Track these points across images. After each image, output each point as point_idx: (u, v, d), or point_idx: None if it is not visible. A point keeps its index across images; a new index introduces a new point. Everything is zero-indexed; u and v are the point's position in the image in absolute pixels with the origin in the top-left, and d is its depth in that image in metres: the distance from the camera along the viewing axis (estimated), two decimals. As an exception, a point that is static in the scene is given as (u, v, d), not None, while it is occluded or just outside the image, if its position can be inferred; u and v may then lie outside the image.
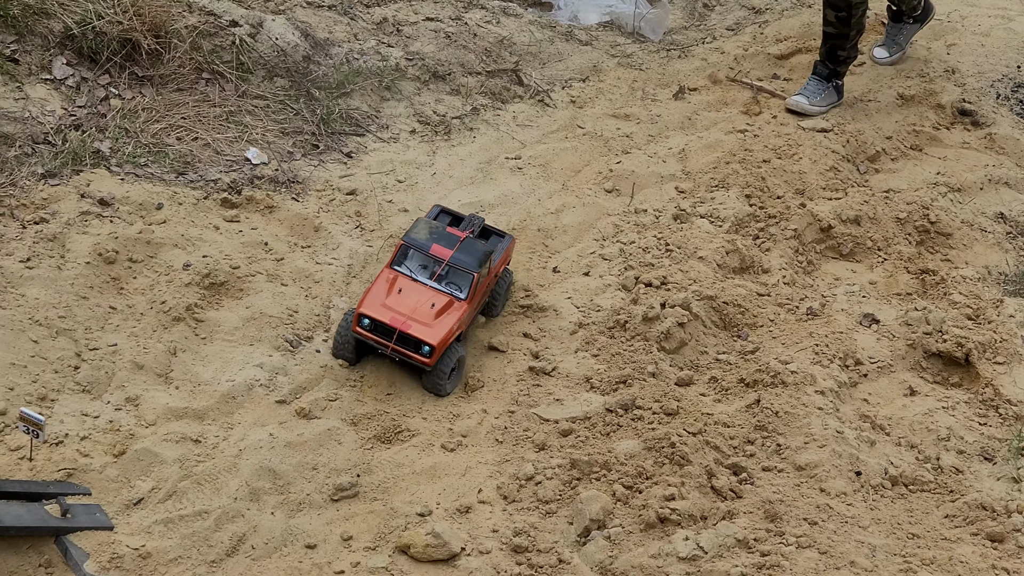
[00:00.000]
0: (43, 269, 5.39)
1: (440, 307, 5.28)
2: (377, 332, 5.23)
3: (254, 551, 4.66)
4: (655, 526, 4.72)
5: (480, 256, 5.39)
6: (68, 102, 6.20)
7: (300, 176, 6.29)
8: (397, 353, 5.24)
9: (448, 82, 7.06)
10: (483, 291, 5.50)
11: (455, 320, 5.27)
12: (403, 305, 5.26)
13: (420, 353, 5.20)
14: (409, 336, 5.19)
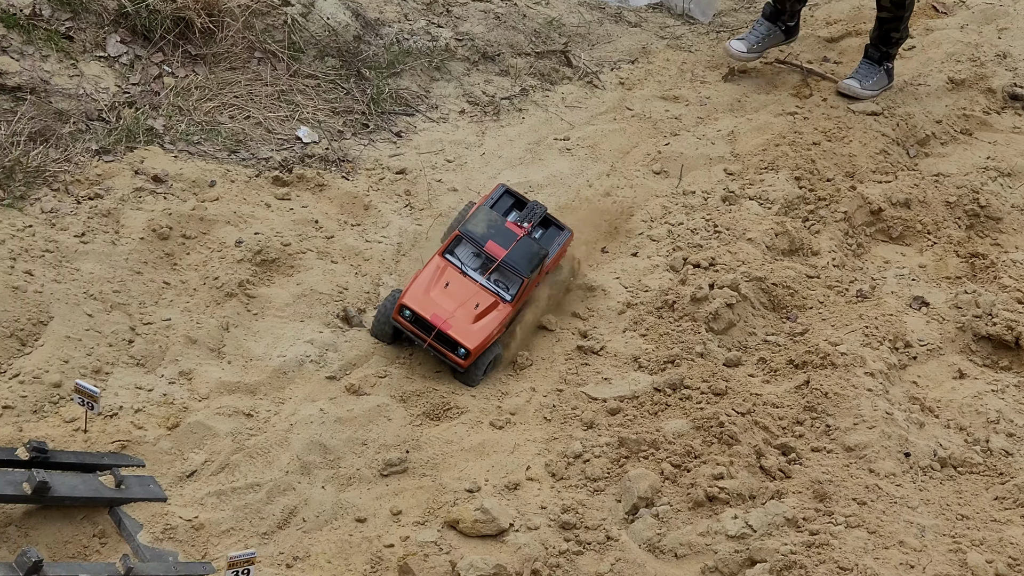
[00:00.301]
0: (98, 244, 5.45)
1: (484, 308, 5.26)
2: (417, 325, 5.22)
3: (305, 524, 4.71)
4: (703, 504, 4.74)
5: (533, 260, 5.35)
6: (122, 80, 6.26)
7: (350, 155, 6.33)
8: (434, 349, 5.21)
9: (497, 63, 7.08)
10: (531, 291, 5.45)
11: (497, 324, 5.25)
12: (447, 301, 5.23)
13: (456, 354, 5.19)
14: (448, 337, 5.17)
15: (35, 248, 5.29)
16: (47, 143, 5.74)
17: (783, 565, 4.38)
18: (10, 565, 4.01)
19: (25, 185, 5.53)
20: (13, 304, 5.04)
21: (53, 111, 5.90)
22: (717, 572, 4.52)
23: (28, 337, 5.01)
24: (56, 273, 5.25)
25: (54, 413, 4.80)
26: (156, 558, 4.39)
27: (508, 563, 4.51)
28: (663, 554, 4.64)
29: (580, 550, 4.63)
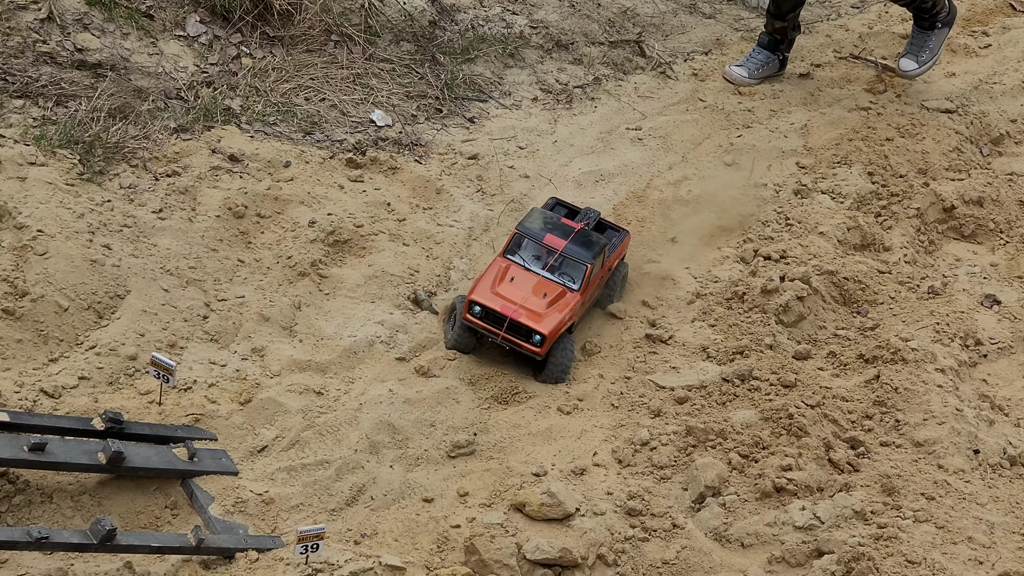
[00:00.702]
0: (175, 221, 5.51)
1: (552, 297, 5.24)
2: (488, 320, 5.18)
3: (373, 502, 4.75)
4: (771, 495, 4.75)
5: (594, 248, 5.34)
6: (200, 59, 6.32)
7: (423, 139, 6.36)
8: (508, 342, 5.19)
9: (571, 51, 7.09)
10: (596, 283, 5.43)
11: (567, 311, 5.23)
12: (514, 294, 5.22)
13: (531, 342, 5.16)
14: (520, 324, 5.15)
15: (113, 223, 5.37)
16: (126, 120, 5.81)
17: (851, 557, 4.38)
18: (85, 533, 4.08)
19: (104, 160, 5.61)
20: (91, 277, 5.11)
21: (132, 88, 5.98)
22: (784, 562, 4.53)
23: (105, 310, 5.08)
24: (134, 248, 5.32)
25: (129, 385, 4.87)
26: (227, 530, 4.45)
27: (573, 547, 4.54)
28: (729, 543, 4.65)
29: (646, 537, 4.64)
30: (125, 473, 4.48)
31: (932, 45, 6.93)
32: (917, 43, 6.95)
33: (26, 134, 5.57)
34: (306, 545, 4.22)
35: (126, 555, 4.21)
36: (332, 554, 4.28)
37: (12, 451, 4.21)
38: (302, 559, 4.24)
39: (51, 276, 5.02)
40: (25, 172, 5.36)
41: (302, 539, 4.21)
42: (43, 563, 4.17)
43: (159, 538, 4.26)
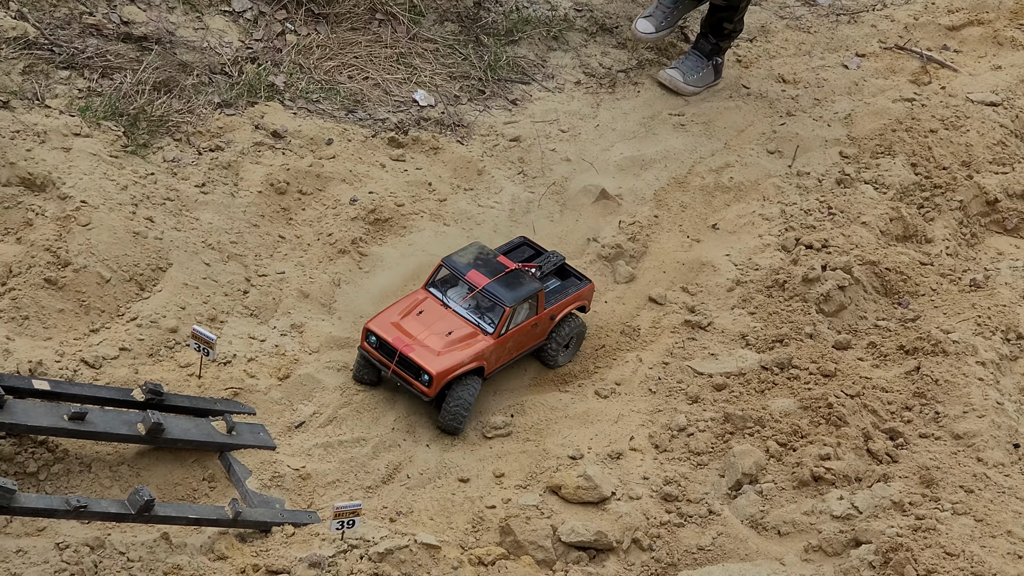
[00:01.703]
0: (217, 195, 5.53)
1: (458, 337, 4.88)
2: (382, 351, 4.86)
3: (409, 480, 4.76)
4: (808, 484, 4.73)
5: (521, 291, 4.95)
6: (245, 35, 6.33)
7: (465, 120, 6.36)
8: (398, 377, 4.85)
9: (615, 35, 7.06)
10: (525, 331, 5.03)
11: (471, 354, 4.85)
12: (415, 328, 4.87)
13: (420, 381, 4.81)
14: (409, 360, 4.80)
15: (157, 195, 5.38)
16: (171, 93, 5.82)
17: (889, 547, 4.36)
18: (123, 503, 4.09)
19: (148, 133, 5.62)
20: (134, 249, 5.13)
21: (177, 62, 5.99)
22: (821, 551, 4.51)
23: (147, 282, 5.10)
24: (176, 221, 5.34)
25: (170, 358, 4.89)
26: (263, 504, 4.46)
27: (609, 531, 4.54)
28: (765, 531, 4.64)
29: (681, 522, 4.64)
30: (164, 444, 4.50)
31: (702, 75, 6.69)
32: (689, 64, 6.70)
33: (71, 105, 5.59)
34: (342, 521, 4.23)
35: (163, 526, 4.23)
36: (368, 531, 4.29)
37: (52, 420, 4.23)
38: (338, 535, 4.25)
39: (94, 247, 5.04)
40: (70, 143, 5.39)
41: (338, 515, 4.22)
42: (81, 532, 4.19)
43: (196, 510, 4.27)
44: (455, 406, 4.85)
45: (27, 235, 5.05)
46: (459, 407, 4.86)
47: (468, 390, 4.86)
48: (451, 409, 4.86)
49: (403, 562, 4.22)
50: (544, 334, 5.14)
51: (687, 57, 6.69)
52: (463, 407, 4.86)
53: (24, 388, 4.30)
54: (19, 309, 4.81)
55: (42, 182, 5.22)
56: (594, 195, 6.05)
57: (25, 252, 4.97)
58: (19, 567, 3.95)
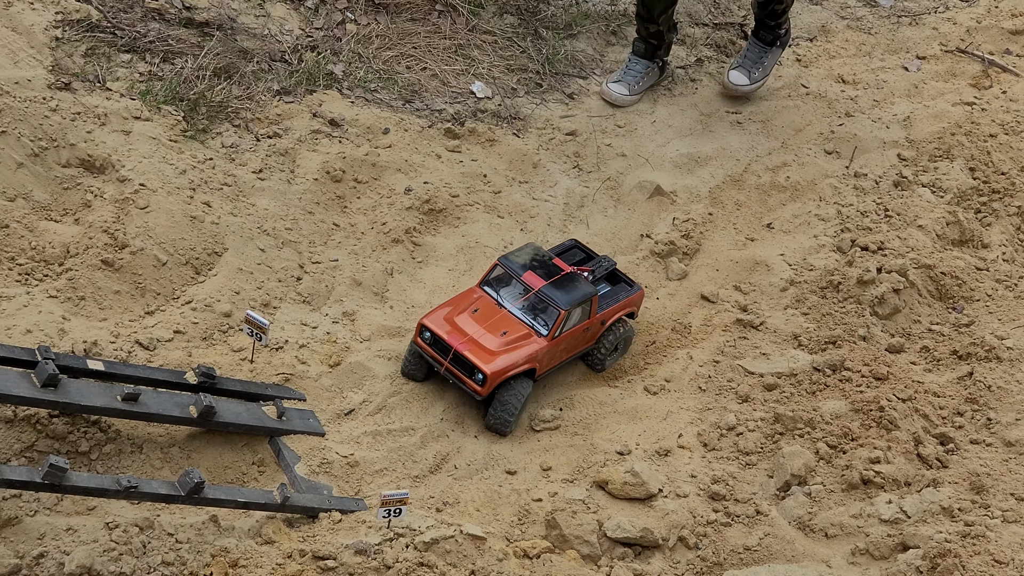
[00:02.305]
0: (274, 182, 5.56)
1: (513, 338, 4.85)
2: (435, 347, 4.83)
3: (456, 471, 4.77)
4: (857, 487, 4.71)
5: (576, 294, 4.92)
6: (306, 23, 6.36)
7: (522, 113, 6.36)
8: (451, 374, 4.83)
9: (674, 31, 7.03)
10: (577, 335, 5.01)
11: (524, 355, 4.82)
12: (471, 326, 4.84)
13: (473, 379, 4.78)
14: (464, 358, 4.77)
15: (214, 180, 5.42)
16: (231, 80, 5.86)
17: (936, 552, 4.33)
18: (173, 484, 4.13)
19: (208, 119, 5.66)
20: (190, 233, 5.17)
21: (238, 49, 6.02)
22: (867, 555, 4.49)
23: (202, 266, 5.14)
24: (233, 206, 5.37)
25: (223, 342, 4.92)
26: (311, 490, 4.49)
27: (655, 527, 4.53)
28: (813, 533, 4.62)
29: (728, 522, 4.62)
30: (215, 428, 4.53)
31: (767, 63, 6.58)
32: (752, 57, 6.60)
33: (132, 88, 5.64)
34: (389, 509, 4.25)
35: (212, 508, 4.26)
36: (414, 520, 4.30)
37: (105, 400, 4.27)
38: (384, 523, 4.26)
39: (151, 230, 5.08)
40: (130, 126, 5.43)
41: (385, 503, 4.23)
42: (130, 512, 4.23)
43: (245, 493, 4.30)
44: (504, 407, 4.85)
45: (85, 216, 5.10)
46: (509, 408, 4.85)
47: (519, 392, 4.85)
48: (500, 410, 4.85)
49: (448, 552, 4.23)
50: (594, 338, 5.13)
51: (746, 49, 6.62)
52: (512, 409, 4.86)
53: (79, 368, 4.34)
54: (76, 290, 4.86)
55: (101, 164, 5.27)
56: (649, 191, 6.03)
57: (83, 233, 5.02)
58: (69, 545, 3.99)
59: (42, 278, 4.88)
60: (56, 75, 5.51)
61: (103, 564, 3.96)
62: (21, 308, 4.68)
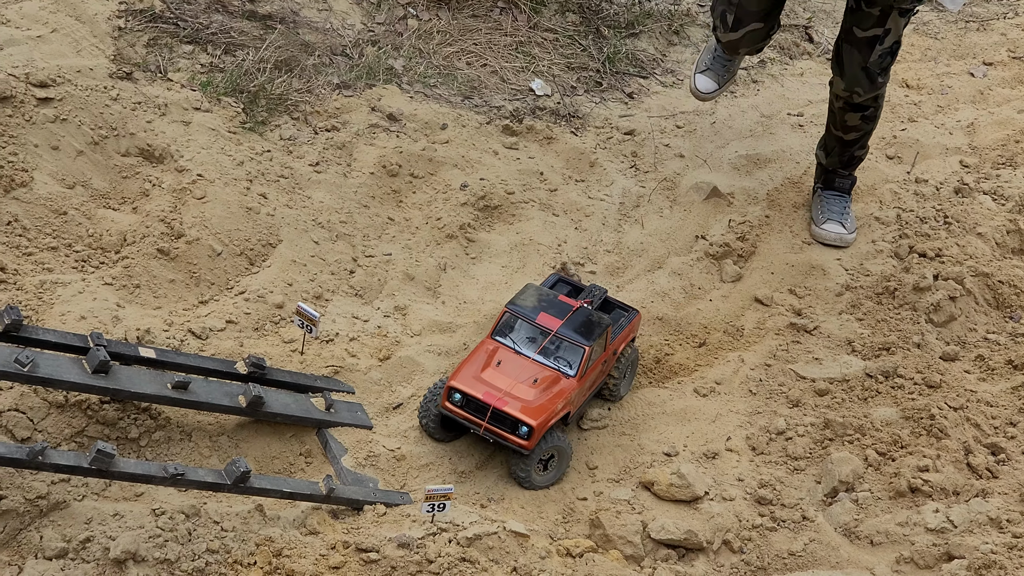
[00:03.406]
0: (330, 175, 5.59)
1: (544, 384, 4.64)
2: (469, 408, 4.59)
3: (502, 467, 4.77)
4: (905, 495, 4.67)
5: (595, 329, 4.76)
6: (368, 18, 6.39)
7: (581, 111, 6.35)
8: (491, 434, 4.59)
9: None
10: (598, 369, 4.85)
11: (560, 400, 4.63)
12: (501, 380, 4.61)
13: (517, 435, 4.55)
14: (505, 414, 4.54)
15: (271, 172, 5.46)
16: (291, 72, 5.90)
17: (982, 564, 4.29)
18: (220, 472, 4.16)
19: (267, 111, 5.70)
20: (246, 224, 5.21)
21: (300, 42, 6.06)
22: (912, 563, 4.45)
23: (256, 257, 5.18)
24: (289, 199, 5.40)
25: (274, 333, 4.95)
26: (357, 483, 4.51)
27: (700, 530, 4.51)
28: (858, 540, 4.58)
29: (774, 526, 4.60)
30: (263, 418, 4.56)
31: (851, 214, 5.85)
32: (837, 208, 5.84)
33: (193, 79, 5.69)
34: (433, 504, 4.26)
35: (258, 498, 4.29)
36: (458, 515, 4.31)
37: (156, 388, 4.31)
38: (428, 517, 4.28)
39: (207, 220, 5.13)
40: (190, 117, 5.48)
41: (430, 497, 4.25)
42: (177, 499, 4.26)
43: (291, 484, 4.32)
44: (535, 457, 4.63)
45: (143, 205, 5.16)
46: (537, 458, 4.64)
47: (555, 441, 4.66)
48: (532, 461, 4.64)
49: (491, 548, 4.23)
50: (608, 370, 4.97)
51: (831, 201, 5.85)
52: (543, 457, 4.66)
53: (130, 355, 4.39)
54: (131, 277, 4.91)
55: (160, 154, 5.33)
56: (705, 192, 6.01)
57: (140, 222, 5.07)
58: (115, 530, 4.03)
59: (98, 265, 4.94)
60: (118, 64, 5.57)
61: (148, 550, 4.00)
62: (76, 294, 4.73)
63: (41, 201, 4.96)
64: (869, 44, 5.41)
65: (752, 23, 5.54)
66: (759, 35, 5.61)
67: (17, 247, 4.82)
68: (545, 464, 4.67)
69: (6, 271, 4.70)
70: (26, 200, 4.93)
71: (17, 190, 4.93)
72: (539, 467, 4.66)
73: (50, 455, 3.89)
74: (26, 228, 4.88)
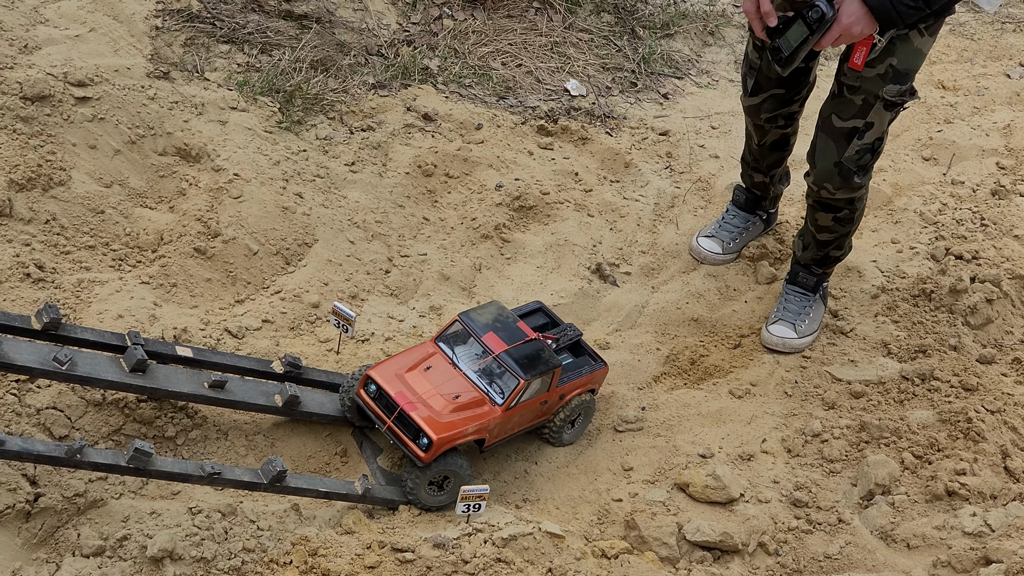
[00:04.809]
0: (366, 175, 5.60)
1: (465, 403, 4.39)
2: (380, 403, 4.39)
3: (536, 468, 4.77)
4: (942, 498, 4.64)
5: (539, 365, 4.47)
6: (403, 18, 6.40)
7: (616, 112, 6.35)
8: (393, 435, 4.36)
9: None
10: (534, 408, 4.58)
11: (474, 423, 4.36)
12: (421, 384, 4.40)
13: (417, 443, 4.31)
14: (410, 419, 4.31)
15: (307, 172, 5.47)
16: (327, 72, 5.91)
17: (1019, 568, 4.26)
18: (256, 472, 4.17)
19: (303, 111, 5.72)
20: (282, 223, 5.22)
21: (335, 42, 6.08)
22: (949, 567, 4.42)
23: (292, 257, 5.19)
24: (324, 198, 5.42)
25: (310, 332, 4.96)
26: (392, 483, 4.51)
27: (735, 532, 4.50)
28: (895, 543, 4.56)
29: (810, 529, 4.58)
30: (299, 417, 4.56)
31: (813, 315, 5.34)
32: (794, 308, 5.33)
33: (230, 79, 5.71)
34: (468, 504, 4.26)
35: (294, 497, 4.30)
36: (493, 515, 4.31)
37: (193, 387, 4.32)
38: (463, 517, 4.28)
39: (244, 220, 5.14)
40: (226, 116, 5.50)
41: (465, 498, 4.25)
42: (214, 498, 4.28)
43: (327, 483, 4.33)
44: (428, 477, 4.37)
45: (180, 204, 5.17)
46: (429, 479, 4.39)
47: (455, 465, 4.38)
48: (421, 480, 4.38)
49: (526, 549, 4.23)
50: (550, 412, 4.71)
51: (785, 298, 5.35)
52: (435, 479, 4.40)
53: (167, 354, 4.40)
54: (168, 276, 4.93)
55: (197, 153, 5.34)
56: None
57: (177, 221, 5.09)
58: (152, 528, 4.05)
59: (135, 264, 4.96)
60: (155, 64, 5.59)
61: (185, 548, 4.01)
62: (114, 293, 4.75)
63: (79, 200, 4.98)
64: (847, 137, 4.80)
65: (773, 88, 5.15)
66: (780, 101, 5.21)
67: (55, 246, 4.84)
68: (440, 485, 4.40)
69: (44, 269, 4.72)
70: (64, 199, 4.96)
71: (55, 189, 4.95)
72: (432, 487, 4.40)
73: (88, 453, 3.91)
74: (64, 227, 4.90)
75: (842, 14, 4.30)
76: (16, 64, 5.16)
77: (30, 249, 4.74)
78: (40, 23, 5.49)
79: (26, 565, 3.87)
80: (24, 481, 3.99)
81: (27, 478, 4.01)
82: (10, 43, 5.28)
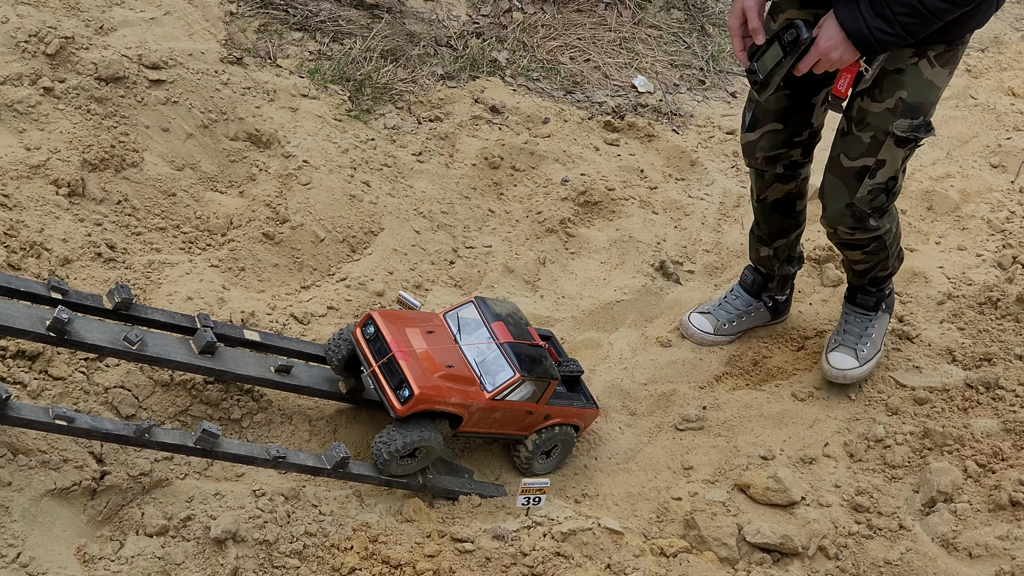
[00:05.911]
0: (432, 165, 5.61)
1: (455, 374, 4.26)
2: (372, 346, 4.26)
3: (597, 463, 4.77)
4: (1005, 508, 4.60)
5: (537, 370, 4.35)
6: (473, 10, 6.41)
7: (683, 109, 6.33)
8: (374, 379, 4.22)
9: (842, 35, 6.95)
10: (518, 415, 4.43)
11: (458, 396, 4.24)
12: (418, 343, 4.29)
13: (396, 394, 4.17)
14: (398, 368, 4.18)
15: (375, 161, 5.49)
16: (396, 62, 5.93)
17: (1085, 582, 4.24)
18: (319, 457, 4.19)
19: (372, 100, 5.74)
20: (349, 211, 5.24)
21: (405, 32, 6.09)
22: (1012, 578, 4.40)
23: (359, 244, 5.21)
24: (391, 187, 5.43)
25: (374, 320, 4.98)
26: (452, 473, 4.52)
27: (795, 535, 4.48)
28: (956, 551, 4.53)
29: (870, 534, 4.56)
30: (362, 405, 4.58)
31: (875, 335, 5.09)
32: (856, 330, 5.08)
33: (301, 66, 5.74)
34: (528, 497, 4.26)
35: (355, 484, 4.32)
36: (553, 510, 4.31)
37: (259, 370, 4.35)
38: (523, 510, 4.28)
39: (311, 206, 5.17)
40: (297, 103, 5.53)
41: (525, 491, 4.25)
42: (277, 481, 4.30)
43: (388, 471, 4.35)
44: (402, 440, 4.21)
45: (250, 189, 5.21)
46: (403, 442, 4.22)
47: (426, 431, 4.22)
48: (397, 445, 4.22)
49: (585, 544, 4.23)
50: (531, 428, 4.53)
51: (845, 321, 5.11)
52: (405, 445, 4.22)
53: (235, 337, 4.43)
54: (236, 260, 4.96)
55: (268, 139, 5.37)
56: (809, 194, 5.95)
57: (247, 206, 5.12)
58: (216, 510, 4.07)
59: (205, 247, 4.99)
60: (229, 49, 5.63)
61: (248, 530, 4.03)
62: (183, 275, 4.79)
63: (151, 182, 5.02)
64: (857, 176, 4.53)
65: (770, 123, 4.76)
66: (778, 139, 4.80)
67: (127, 227, 4.88)
68: (412, 453, 4.24)
69: (115, 249, 4.76)
70: (136, 180, 5.00)
71: (128, 170, 4.99)
72: (403, 458, 4.24)
73: (156, 433, 3.94)
74: (135, 208, 4.94)
75: (820, 38, 4.08)
76: (92, 45, 5.20)
77: (102, 229, 4.78)
78: (116, 5, 5.54)
79: (91, 542, 3.90)
80: (91, 459, 4.02)
81: (94, 456, 4.04)
82: (86, 24, 5.33)
